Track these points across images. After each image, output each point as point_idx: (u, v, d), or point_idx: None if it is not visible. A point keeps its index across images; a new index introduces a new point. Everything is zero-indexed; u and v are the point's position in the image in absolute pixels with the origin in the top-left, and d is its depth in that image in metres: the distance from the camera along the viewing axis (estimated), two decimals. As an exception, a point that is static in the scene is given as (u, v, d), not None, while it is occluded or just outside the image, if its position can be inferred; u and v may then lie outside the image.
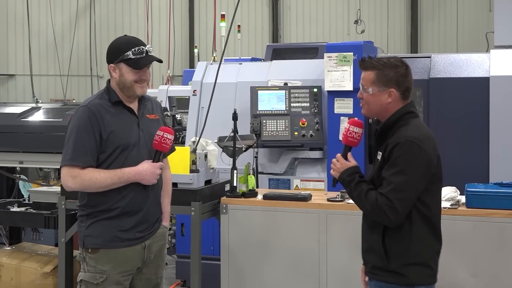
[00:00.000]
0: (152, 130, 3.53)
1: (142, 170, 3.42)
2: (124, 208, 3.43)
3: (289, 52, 7.02)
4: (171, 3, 17.67)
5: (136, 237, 3.49)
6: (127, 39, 3.52)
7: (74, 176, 3.36)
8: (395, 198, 2.93)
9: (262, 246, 4.52)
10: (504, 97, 5.38)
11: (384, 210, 2.94)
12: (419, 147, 2.96)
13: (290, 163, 6.04)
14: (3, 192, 7.39)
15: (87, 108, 3.41)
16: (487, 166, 5.36)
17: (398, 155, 2.95)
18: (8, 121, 6.52)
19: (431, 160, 3.00)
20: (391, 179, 2.95)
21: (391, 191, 2.94)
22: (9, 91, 18.97)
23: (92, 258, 3.44)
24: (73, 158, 3.35)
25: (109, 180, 3.37)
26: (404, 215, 2.97)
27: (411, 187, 2.94)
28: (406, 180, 2.93)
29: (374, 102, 3.10)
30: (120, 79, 3.45)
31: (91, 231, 3.45)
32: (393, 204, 2.93)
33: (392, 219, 2.95)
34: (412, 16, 18.90)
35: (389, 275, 3.03)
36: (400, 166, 2.95)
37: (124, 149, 3.42)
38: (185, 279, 6.36)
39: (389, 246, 3.03)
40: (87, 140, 3.36)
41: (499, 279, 4.03)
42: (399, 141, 2.97)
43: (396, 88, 3.07)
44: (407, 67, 3.12)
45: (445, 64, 5.68)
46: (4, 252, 5.94)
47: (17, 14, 18.54)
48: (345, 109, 5.72)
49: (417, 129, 3.04)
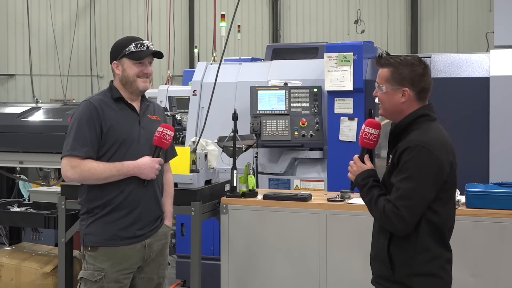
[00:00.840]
0: (153, 129, 3.57)
1: (141, 164, 3.46)
2: (122, 202, 3.47)
3: (289, 52, 7.02)
4: (171, 3, 17.67)
5: (136, 235, 3.51)
6: (129, 37, 3.65)
7: (74, 166, 3.40)
8: (402, 205, 2.79)
9: (262, 246, 4.52)
10: (504, 97, 5.38)
11: (391, 218, 2.81)
12: (429, 152, 2.81)
13: (290, 163, 6.04)
14: (3, 192, 7.38)
15: (89, 102, 3.50)
16: (487, 166, 5.35)
17: (407, 160, 2.82)
18: (8, 121, 6.52)
19: (442, 167, 2.84)
20: (399, 185, 2.82)
21: (398, 198, 2.81)
22: (9, 91, 18.96)
23: (91, 256, 3.49)
24: (73, 148, 3.41)
25: (108, 172, 3.41)
26: (413, 224, 2.83)
27: (419, 195, 2.80)
28: (414, 187, 2.79)
29: (388, 101, 2.98)
30: (123, 75, 3.54)
31: (91, 229, 3.49)
32: (400, 212, 2.79)
33: (399, 227, 2.82)
34: (412, 16, 18.90)
35: (394, 286, 2.92)
36: (409, 172, 2.81)
37: (123, 144, 3.47)
38: (185, 279, 6.36)
39: (394, 255, 2.90)
40: (88, 132, 3.42)
41: (499, 279, 4.03)
42: (409, 145, 2.83)
43: (410, 87, 2.93)
44: (425, 67, 2.98)
45: (445, 64, 5.68)
46: (4, 252, 5.94)
47: (17, 14, 18.53)
48: (345, 109, 5.72)
49: (429, 133, 2.89)
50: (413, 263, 2.87)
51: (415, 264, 2.87)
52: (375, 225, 3.06)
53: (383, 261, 2.93)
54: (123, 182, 3.46)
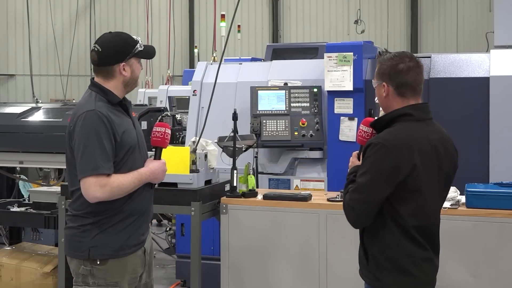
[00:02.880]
0: (140, 128, 3.46)
1: (154, 169, 3.34)
2: (132, 210, 3.30)
3: (289, 52, 7.02)
4: (171, 3, 17.68)
5: (140, 241, 3.38)
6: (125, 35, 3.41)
7: (103, 185, 3.14)
8: (354, 198, 2.90)
9: (262, 246, 4.52)
10: (504, 97, 5.38)
11: (346, 210, 2.94)
12: (387, 151, 2.84)
13: (290, 163, 6.04)
14: (3, 192, 7.39)
15: (96, 111, 3.20)
16: (487, 166, 5.36)
17: (368, 156, 2.90)
18: (8, 121, 6.52)
19: (399, 167, 2.84)
20: (357, 179, 2.92)
21: (353, 191, 2.91)
22: (9, 91, 18.98)
23: (101, 270, 3.25)
24: (98, 167, 3.13)
25: (132, 184, 3.23)
26: (365, 218, 2.92)
27: (370, 190, 2.86)
28: (367, 182, 2.87)
29: (377, 96, 3.08)
30: (131, 76, 3.35)
31: (98, 241, 3.24)
32: (352, 204, 2.90)
33: (349, 219, 2.95)
34: (412, 16, 18.92)
35: (369, 277, 3.02)
36: (366, 167, 2.89)
37: (132, 151, 3.31)
38: (185, 279, 6.35)
39: (367, 245, 3.02)
40: (107, 145, 3.17)
41: (499, 279, 4.03)
42: (372, 142, 2.92)
43: (388, 82, 2.98)
44: (409, 62, 2.98)
45: (445, 64, 5.68)
46: (4, 252, 5.95)
47: (17, 14, 18.56)
48: (345, 109, 5.72)
49: (398, 133, 2.91)
50: (382, 257, 2.95)
51: (384, 257, 2.94)
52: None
53: (361, 250, 3.07)
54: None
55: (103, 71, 3.35)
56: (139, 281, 3.44)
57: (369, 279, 3.03)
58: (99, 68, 3.36)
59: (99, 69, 3.37)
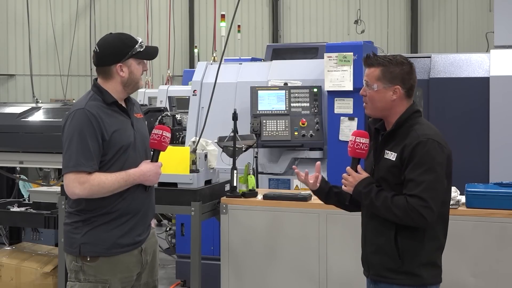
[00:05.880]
0: (142, 129, 3.47)
1: (146, 171, 3.33)
2: (124, 209, 3.32)
3: (289, 52, 7.02)
4: (171, 3, 17.67)
5: (135, 242, 3.39)
6: (124, 36, 3.42)
7: (82, 182, 3.20)
8: (429, 197, 2.89)
9: (262, 246, 4.52)
10: (504, 97, 5.38)
11: (420, 212, 2.88)
12: (440, 145, 2.97)
13: (290, 163, 6.03)
14: (3, 192, 7.38)
15: (85, 110, 3.26)
16: (487, 166, 5.36)
17: (423, 154, 2.92)
18: (8, 121, 6.51)
19: (450, 158, 3.02)
20: (421, 178, 2.90)
21: (424, 190, 2.89)
22: (9, 91, 18.97)
23: (91, 267, 3.29)
24: (78, 164, 3.19)
25: (117, 184, 3.25)
26: (437, 214, 2.95)
27: (441, 185, 2.95)
28: (436, 178, 2.92)
29: (379, 99, 3.06)
30: (130, 77, 3.36)
31: (89, 238, 3.29)
32: (428, 204, 2.88)
33: (428, 219, 2.90)
34: (412, 16, 18.91)
35: (402, 277, 2.99)
36: (428, 164, 2.92)
37: (125, 150, 3.32)
38: (185, 279, 6.36)
39: (402, 246, 2.98)
40: (91, 143, 3.21)
41: (499, 279, 4.03)
42: (420, 140, 2.95)
43: (401, 85, 3.05)
44: (411, 65, 3.11)
45: (445, 64, 5.68)
46: (4, 252, 5.95)
47: (17, 14, 18.55)
48: (345, 109, 5.72)
49: (431, 128, 3.06)
50: (422, 253, 2.98)
51: (424, 253, 2.99)
52: (370, 223, 3.12)
53: (389, 253, 3.01)
54: (125, 189, 3.31)
55: (102, 72, 3.39)
56: (137, 280, 3.45)
57: (404, 279, 3.00)
58: (98, 69, 3.41)
59: (98, 70, 3.42)
